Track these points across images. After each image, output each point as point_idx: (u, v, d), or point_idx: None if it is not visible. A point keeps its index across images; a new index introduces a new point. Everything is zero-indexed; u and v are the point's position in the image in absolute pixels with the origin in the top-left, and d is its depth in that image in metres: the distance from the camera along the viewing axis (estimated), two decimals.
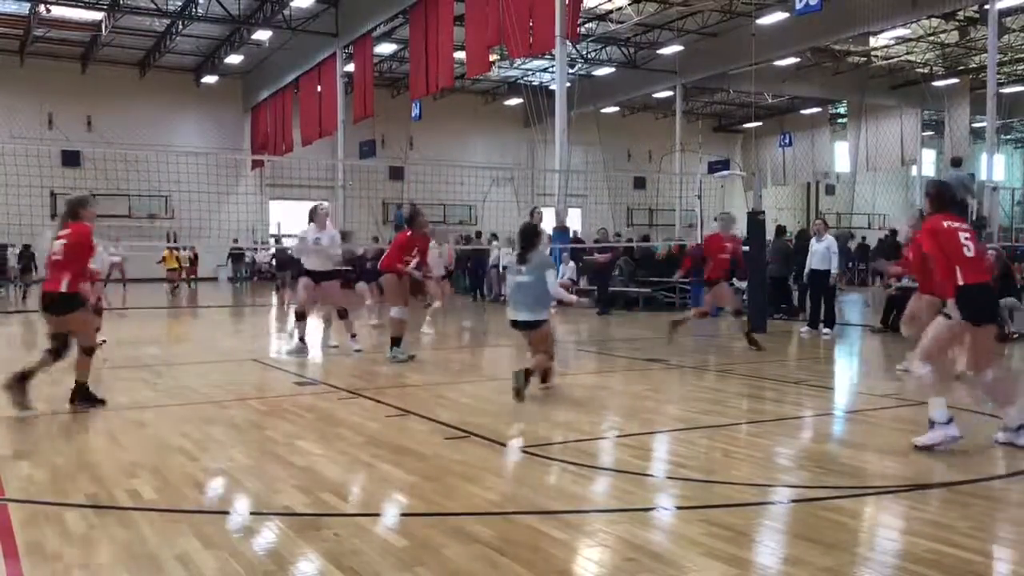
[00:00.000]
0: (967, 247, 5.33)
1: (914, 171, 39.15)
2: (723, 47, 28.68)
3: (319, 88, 28.89)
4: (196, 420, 6.40)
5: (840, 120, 39.86)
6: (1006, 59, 30.81)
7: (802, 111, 38.35)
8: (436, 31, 22.13)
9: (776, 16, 24.91)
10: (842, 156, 39.12)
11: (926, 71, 33.76)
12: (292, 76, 30.50)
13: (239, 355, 10.64)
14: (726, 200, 32.11)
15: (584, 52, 31.48)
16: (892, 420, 6.51)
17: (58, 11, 26.23)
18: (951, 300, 5.35)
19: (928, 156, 40.55)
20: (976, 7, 23.54)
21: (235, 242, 29.49)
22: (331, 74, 28.02)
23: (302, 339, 10.39)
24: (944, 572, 3.39)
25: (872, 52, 32.17)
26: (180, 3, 26.34)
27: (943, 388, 5.37)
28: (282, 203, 35.37)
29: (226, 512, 4.30)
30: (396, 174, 34.60)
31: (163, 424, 6.24)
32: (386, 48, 30.09)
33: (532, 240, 7.43)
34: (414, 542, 3.72)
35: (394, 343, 9.68)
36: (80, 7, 26.18)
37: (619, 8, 26.94)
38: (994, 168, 19.07)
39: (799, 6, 18.96)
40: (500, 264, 21.16)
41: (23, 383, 6.55)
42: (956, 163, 16.88)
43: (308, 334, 10.87)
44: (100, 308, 12.43)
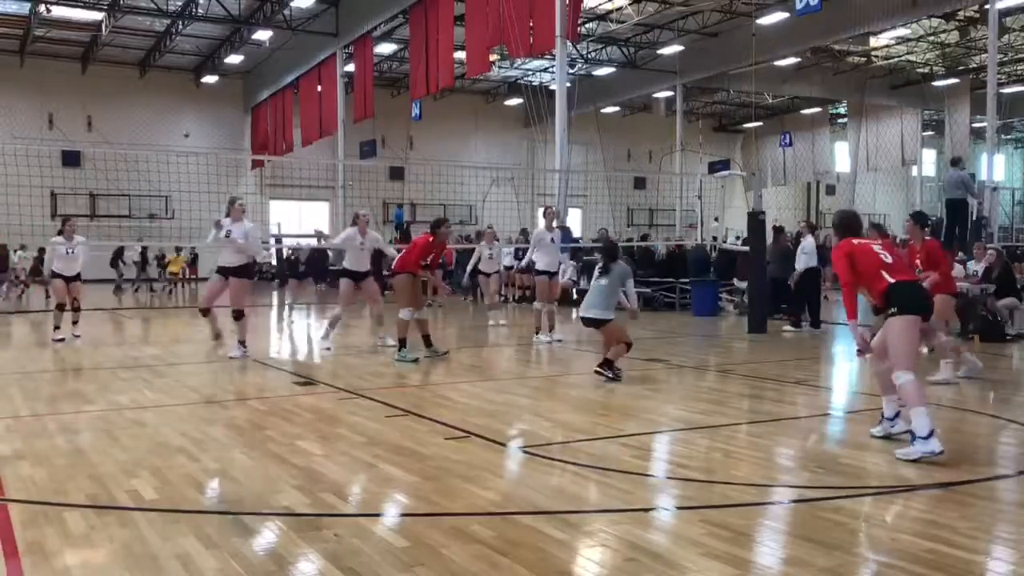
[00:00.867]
0: (884, 255, 5.53)
1: (914, 171, 39.20)
2: (723, 47, 28.68)
3: (319, 88, 28.91)
4: (196, 420, 6.40)
5: (840, 120, 39.88)
6: (1006, 59, 30.82)
7: (802, 111, 38.35)
8: (436, 31, 22.15)
9: (776, 16, 24.92)
10: (842, 156, 39.15)
11: (926, 71, 33.77)
12: (292, 76, 30.52)
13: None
14: (726, 200, 32.16)
15: (584, 52, 31.49)
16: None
17: (58, 11, 26.25)
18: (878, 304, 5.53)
19: (928, 156, 40.60)
20: (976, 7, 23.56)
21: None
22: (331, 74, 28.04)
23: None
24: (944, 572, 3.38)
25: (872, 52, 32.18)
26: (180, 3, 26.35)
27: (923, 397, 5.29)
28: (282, 203, 35.40)
29: (226, 512, 4.30)
30: (396, 174, 34.62)
31: (163, 424, 6.24)
32: (386, 48, 30.11)
33: (613, 255, 8.65)
34: (414, 542, 3.72)
35: (401, 344, 9.77)
36: (80, 7, 26.19)
37: (619, 8, 26.95)
38: (994, 168, 19.06)
39: (799, 6, 18.97)
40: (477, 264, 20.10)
41: None
42: (956, 162, 16.86)
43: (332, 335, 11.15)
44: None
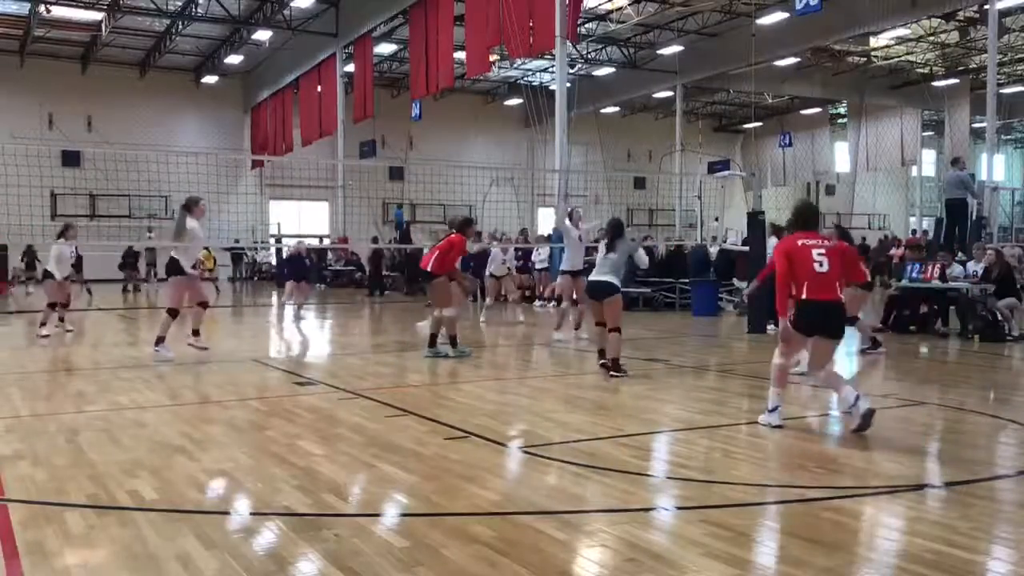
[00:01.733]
0: (819, 263, 5.67)
1: (914, 171, 39.20)
2: (723, 47, 28.69)
3: (319, 88, 28.92)
4: (196, 420, 6.40)
5: (840, 120, 39.88)
6: (1006, 59, 30.82)
7: (802, 111, 38.36)
8: (436, 31, 22.16)
9: (776, 16, 24.92)
10: (842, 156, 39.14)
11: (926, 71, 33.77)
12: (292, 76, 30.53)
13: (239, 355, 10.64)
14: (726, 200, 32.16)
15: (584, 52, 31.49)
16: (892, 420, 6.51)
17: (58, 11, 26.25)
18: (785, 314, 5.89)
19: (928, 156, 40.60)
20: (976, 7, 23.55)
21: (236, 242, 29.50)
22: (331, 74, 28.05)
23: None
24: (944, 572, 3.38)
25: (872, 52, 32.18)
26: (180, 3, 26.36)
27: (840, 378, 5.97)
28: (282, 203, 35.41)
29: (226, 512, 4.30)
30: (396, 174, 34.62)
31: (163, 424, 6.24)
32: (386, 48, 30.11)
33: (619, 233, 8.99)
34: (414, 542, 3.72)
35: (453, 342, 10.06)
36: (80, 7, 26.20)
37: (619, 8, 26.95)
38: (994, 168, 19.06)
39: (799, 6, 18.97)
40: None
41: None
42: (956, 163, 16.87)
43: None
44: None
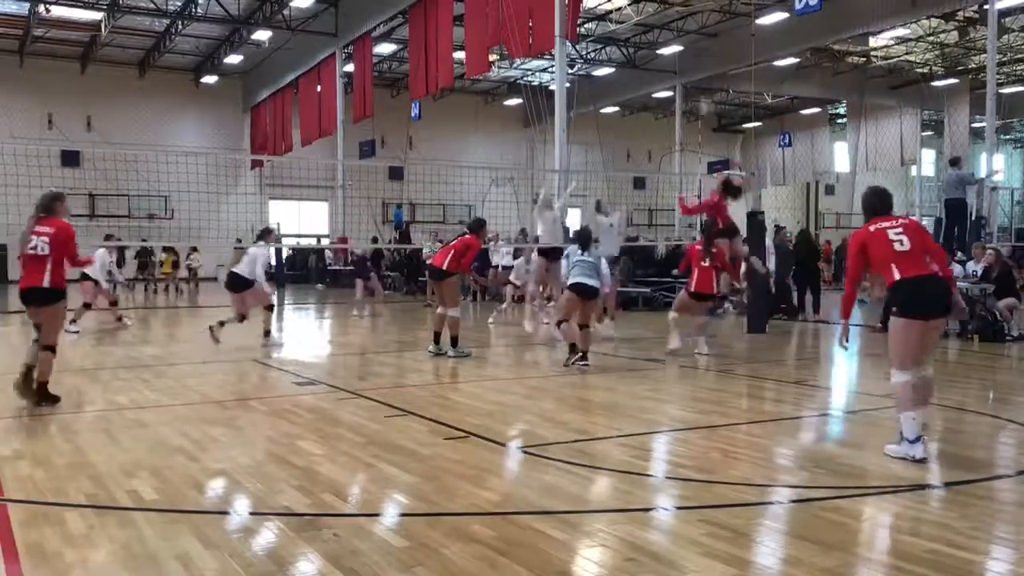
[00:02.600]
0: (898, 242, 5.28)
1: (914, 171, 39.18)
2: (723, 47, 28.67)
3: (319, 88, 28.90)
4: (196, 420, 6.40)
5: (840, 120, 39.87)
6: (1005, 59, 30.80)
7: (802, 111, 38.34)
8: (436, 31, 22.14)
9: (776, 16, 24.91)
10: (841, 156, 39.13)
11: (926, 71, 33.75)
12: (292, 76, 30.51)
13: (239, 355, 10.63)
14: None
15: (584, 52, 31.48)
16: (891, 420, 6.49)
17: (57, 11, 26.22)
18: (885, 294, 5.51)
19: (928, 156, 40.60)
20: (975, 7, 23.54)
21: (239, 242, 29.48)
22: (331, 74, 28.03)
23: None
24: (943, 572, 3.39)
25: (872, 52, 32.17)
26: (179, 3, 26.34)
27: (914, 401, 5.17)
28: (282, 203, 35.39)
29: (226, 512, 4.30)
30: (396, 174, 34.60)
31: (163, 424, 6.25)
32: (386, 48, 30.09)
33: (589, 240, 9.77)
34: (414, 542, 3.72)
35: (454, 342, 10.16)
36: (79, 7, 26.17)
37: (619, 8, 26.94)
38: (993, 168, 19.04)
39: (799, 6, 18.95)
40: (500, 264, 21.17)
41: (29, 382, 6.70)
42: (955, 163, 16.86)
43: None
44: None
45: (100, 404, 7.10)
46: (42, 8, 25.34)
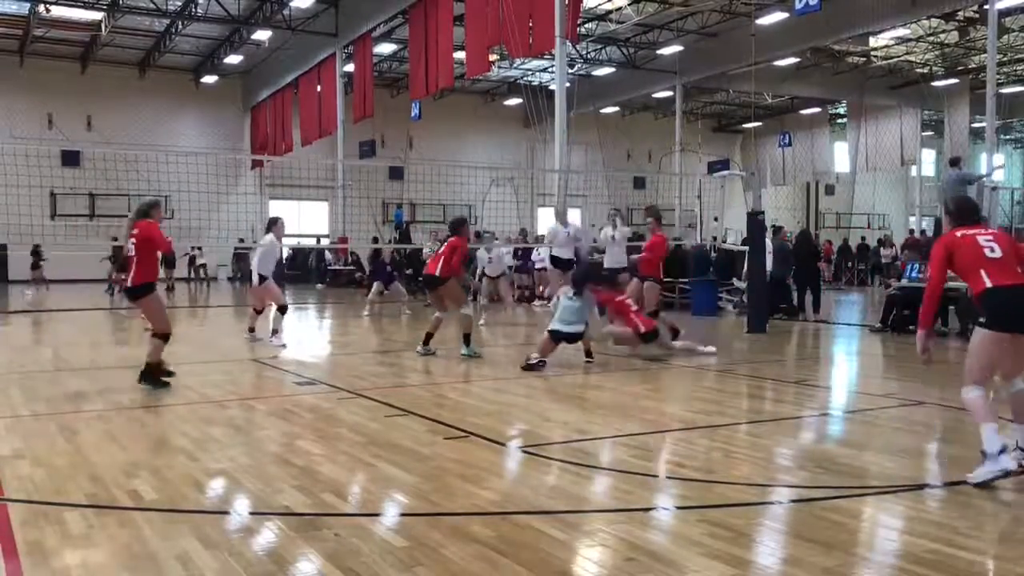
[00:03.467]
0: (990, 248, 4.82)
1: (914, 171, 39.20)
2: (723, 47, 28.69)
3: (319, 88, 28.91)
4: (196, 420, 6.40)
5: (840, 120, 39.90)
6: (1006, 59, 30.82)
7: (802, 111, 38.37)
8: (436, 31, 22.15)
9: (776, 16, 24.92)
10: (841, 156, 39.15)
11: (926, 71, 33.76)
12: (292, 76, 30.52)
13: (239, 355, 10.64)
14: (726, 200, 32.16)
15: (584, 52, 31.49)
16: (892, 420, 6.52)
17: (58, 11, 26.25)
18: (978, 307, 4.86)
19: (928, 156, 40.60)
20: (976, 7, 23.55)
21: (240, 241, 29.48)
22: (331, 74, 28.04)
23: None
24: (944, 572, 3.38)
25: (872, 52, 32.18)
26: (180, 3, 26.35)
27: (991, 413, 4.74)
28: (282, 203, 35.39)
29: (226, 512, 4.30)
30: (396, 174, 34.62)
31: (163, 424, 6.25)
32: (386, 48, 30.10)
33: (583, 283, 9.70)
34: (414, 542, 3.72)
35: (467, 340, 10.21)
36: (80, 7, 26.19)
37: (619, 8, 26.95)
38: (993, 168, 19.05)
39: (799, 6, 18.96)
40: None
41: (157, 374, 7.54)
42: (955, 163, 16.86)
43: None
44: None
45: (100, 404, 7.09)
46: (42, 8, 25.36)
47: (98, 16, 26.86)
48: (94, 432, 5.96)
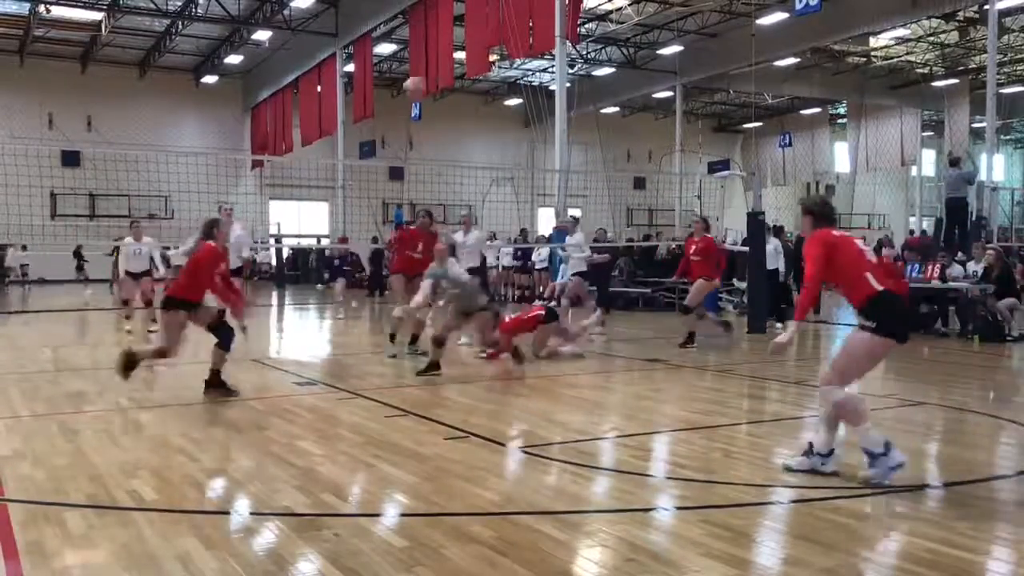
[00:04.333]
0: (867, 252, 4.84)
1: (914, 171, 39.18)
2: (723, 47, 28.68)
3: (319, 88, 28.91)
4: (196, 420, 6.40)
5: (840, 120, 39.88)
6: (1006, 59, 30.82)
7: (802, 111, 38.35)
8: (436, 31, 22.15)
9: (776, 16, 24.91)
10: (842, 156, 39.14)
11: (926, 71, 33.76)
12: (292, 76, 30.52)
13: (239, 355, 10.61)
14: (726, 200, 32.18)
15: (584, 52, 31.49)
16: (893, 420, 6.51)
17: (58, 11, 26.25)
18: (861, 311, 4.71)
19: (928, 156, 40.58)
20: (976, 7, 23.55)
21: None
22: (331, 74, 28.04)
23: None
24: (943, 572, 3.39)
25: (872, 52, 32.18)
26: (180, 3, 26.35)
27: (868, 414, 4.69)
28: (282, 203, 35.39)
29: (226, 512, 4.31)
30: (396, 174, 34.61)
31: (163, 424, 6.24)
32: (386, 48, 30.11)
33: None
34: (414, 542, 3.72)
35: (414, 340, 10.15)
36: (80, 7, 26.19)
37: (619, 8, 26.95)
38: (994, 168, 19.06)
39: (799, 6, 18.95)
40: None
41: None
42: (955, 163, 16.86)
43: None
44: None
45: (100, 404, 7.10)
46: (42, 8, 25.35)
47: (98, 16, 26.85)
48: (94, 432, 5.96)
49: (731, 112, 42.18)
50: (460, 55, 22.82)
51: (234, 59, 31.55)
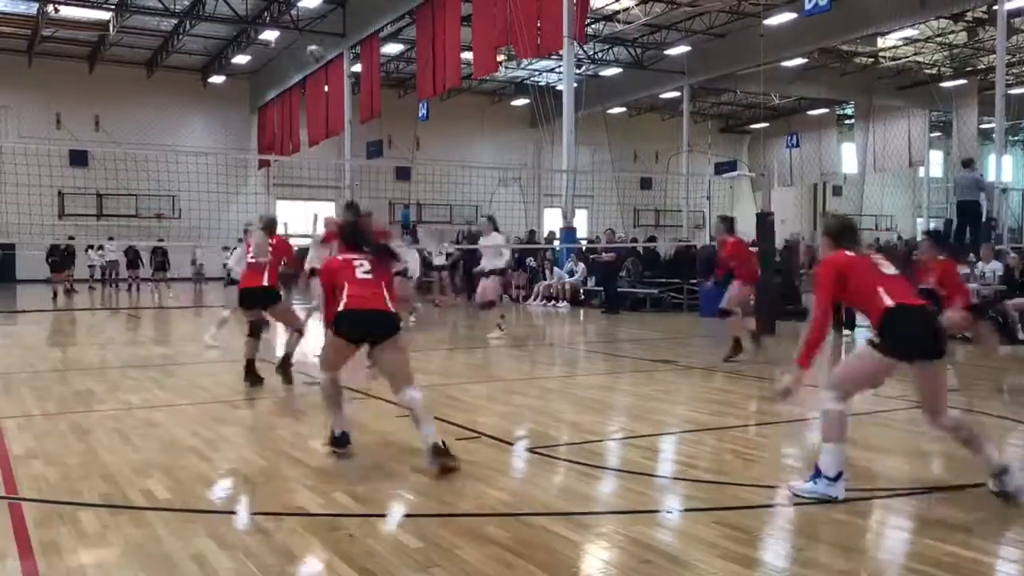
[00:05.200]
0: (882, 265, 4.51)
1: (921, 172, 39.09)
2: (731, 48, 28.64)
3: (326, 88, 28.93)
4: (207, 420, 6.41)
5: (847, 121, 39.80)
6: (1015, 60, 30.70)
7: (809, 112, 38.28)
8: (443, 31, 22.15)
9: (784, 16, 24.86)
10: (849, 157, 39.06)
11: (934, 72, 33.67)
12: (299, 76, 30.54)
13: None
14: (734, 201, 32.14)
15: (591, 53, 31.47)
16: (904, 422, 6.49)
17: (66, 11, 26.30)
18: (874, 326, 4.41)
19: (936, 157, 40.50)
20: (985, 8, 23.47)
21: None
22: (338, 74, 28.06)
23: None
24: (960, 575, 3.37)
25: (880, 53, 32.10)
26: (187, 3, 26.40)
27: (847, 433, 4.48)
28: (289, 203, 35.42)
29: (240, 512, 4.31)
30: (403, 174, 34.60)
31: (174, 424, 6.25)
32: (393, 48, 30.12)
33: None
34: (429, 543, 3.71)
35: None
36: (88, 7, 26.25)
37: (626, 9, 26.93)
38: (1003, 169, 19.01)
39: (808, 6, 18.92)
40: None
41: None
42: (968, 164, 16.79)
43: None
44: None
45: (111, 403, 7.11)
46: (51, 8, 25.42)
47: (106, 16, 26.91)
48: (106, 431, 5.97)
49: (738, 112, 42.11)
50: (467, 55, 22.82)
51: (241, 59, 31.60)
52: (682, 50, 30.07)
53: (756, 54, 24.64)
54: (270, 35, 28.64)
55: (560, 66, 24.35)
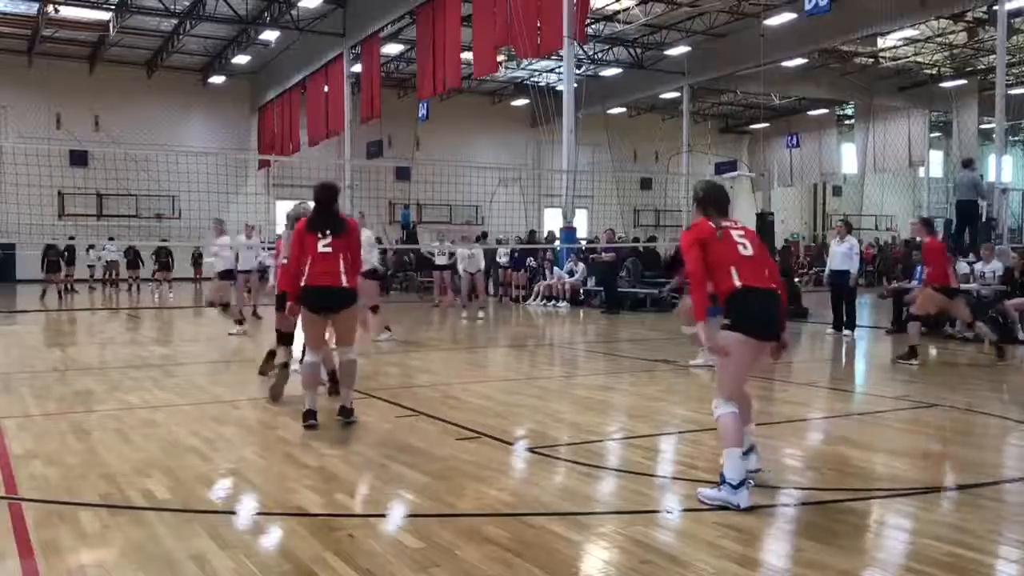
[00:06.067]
0: (743, 244, 4.49)
1: (921, 172, 39.09)
2: (731, 48, 28.65)
3: (326, 88, 28.95)
4: (207, 420, 6.41)
5: (847, 121, 39.81)
6: (1015, 60, 30.69)
7: (809, 112, 38.28)
8: (443, 32, 22.17)
9: (784, 17, 24.88)
10: (849, 157, 39.07)
11: (934, 72, 33.67)
12: (299, 76, 30.56)
13: (248, 354, 10.64)
14: (734, 201, 32.14)
15: (591, 53, 31.48)
16: (905, 422, 6.49)
17: (66, 11, 26.32)
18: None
19: (936, 157, 40.50)
20: (985, 8, 23.47)
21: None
22: (338, 74, 28.08)
23: None
24: (960, 575, 3.37)
25: (880, 53, 32.11)
26: (187, 3, 26.41)
27: (740, 437, 4.42)
28: (289, 203, 35.38)
29: (241, 512, 4.31)
30: (403, 174, 34.63)
31: (175, 424, 6.25)
32: (393, 48, 30.13)
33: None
34: (429, 543, 3.71)
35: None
36: (88, 7, 26.26)
37: (626, 9, 26.94)
38: (1003, 170, 18.99)
39: (808, 7, 18.93)
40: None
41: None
42: (968, 164, 16.78)
43: None
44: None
45: (111, 404, 7.10)
46: (51, 8, 25.42)
47: (106, 16, 26.92)
48: (106, 431, 5.97)
49: (738, 113, 42.12)
50: (467, 55, 22.83)
51: (242, 59, 31.60)
52: (682, 50, 30.09)
53: (756, 54, 24.66)
54: (270, 35, 28.65)
55: (560, 66, 24.37)
